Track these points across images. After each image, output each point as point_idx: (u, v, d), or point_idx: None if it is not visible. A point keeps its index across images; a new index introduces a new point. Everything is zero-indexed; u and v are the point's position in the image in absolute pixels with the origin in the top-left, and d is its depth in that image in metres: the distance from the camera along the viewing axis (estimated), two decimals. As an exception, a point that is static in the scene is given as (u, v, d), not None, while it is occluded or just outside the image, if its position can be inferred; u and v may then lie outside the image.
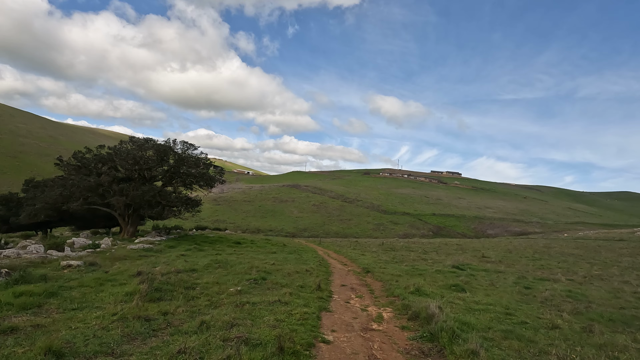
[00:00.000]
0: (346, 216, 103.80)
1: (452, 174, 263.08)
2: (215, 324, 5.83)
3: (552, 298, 10.95)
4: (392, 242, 49.37)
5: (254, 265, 13.64)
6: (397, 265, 19.56)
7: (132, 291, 7.34)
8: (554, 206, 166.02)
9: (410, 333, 6.72)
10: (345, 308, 8.51)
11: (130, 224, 24.71)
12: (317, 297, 8.77)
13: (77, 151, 24.93)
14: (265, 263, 15.26)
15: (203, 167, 27.54)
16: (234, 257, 16.88)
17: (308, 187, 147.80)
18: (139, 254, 15.42)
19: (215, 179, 27.89)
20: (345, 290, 11.04)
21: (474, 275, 16.79)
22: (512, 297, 11.21)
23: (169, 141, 26.52)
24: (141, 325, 5.61)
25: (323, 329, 6.48)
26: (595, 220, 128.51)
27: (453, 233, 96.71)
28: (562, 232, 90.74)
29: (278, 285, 10.26)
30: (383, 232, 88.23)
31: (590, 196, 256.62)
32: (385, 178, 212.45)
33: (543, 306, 9.94)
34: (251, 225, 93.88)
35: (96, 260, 11.63)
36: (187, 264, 13.05)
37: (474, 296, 10.63)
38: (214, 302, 7.43)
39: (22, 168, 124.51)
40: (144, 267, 11.23)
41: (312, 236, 76.44)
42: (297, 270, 13.62)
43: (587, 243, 49.91)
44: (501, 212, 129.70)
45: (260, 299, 7.95)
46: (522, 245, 45.21)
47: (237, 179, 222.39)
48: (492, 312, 8.45)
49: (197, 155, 27.28)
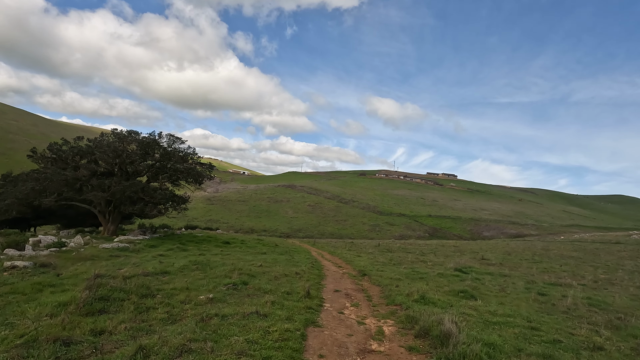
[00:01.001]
0: (342, 217, 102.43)
1: (447, 176, 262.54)
2: (160, 349, 4.31)
3: (575, 307, 9.56)
4: (389, 243, 47.98)
5: (237, 267, 12.15)
6: (396, 267, 18.15)
7: (67, 301, 5.82)
8: (549, 209, 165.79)
9: (421, 357, 5.28)
10: (338, 321, 7.04)
11: (111, 222, 23.01)
12: (304, 307, 7.29)
13: (53, 143, 23.21)
14: (252, 265, 13.79)
15: (191, 163, 25.87)
16: (218, 258, 15.39)
17: (303, 187, 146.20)
18: (111, 253, 13.87)
19: (203, 175, 26.24)
20: (339, 297, 9.58)
21: (480, 279, 15.41)
22: (529, 305, 9.82)
23: (153, 134, 24.89)
24: (53, 352, 4.10)
25: (308, 353, 5.00)
26: (589, 223, 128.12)
27: (449, 235, 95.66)
28: (558, 235, 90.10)
29: (260, 291, 8.79)
30: (379, 233, 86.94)
31: (584, 199, 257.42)
32: (381, 179, 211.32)
33: (568, 317, 8.56)
34: (245, 225, 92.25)
35: (52, 261, 10.08)
36: (161, 265, 11.53)
37: (487, 305, 9.22)
38: (173, 315, 5.93)
39: (10, 165, 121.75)
40: (108, 269, 9.71)
41: (306, 237, 74.91)
42: (286, 273, 12.16)
43: (585, 246, 48.98)
44: (497, 214, 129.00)
45: (234, 309, 6.47)
46: (520, 248, 44.21)
47: (232, 179, 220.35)
48: (514, 326, 7.03)
49: (184, 149, 25.58)
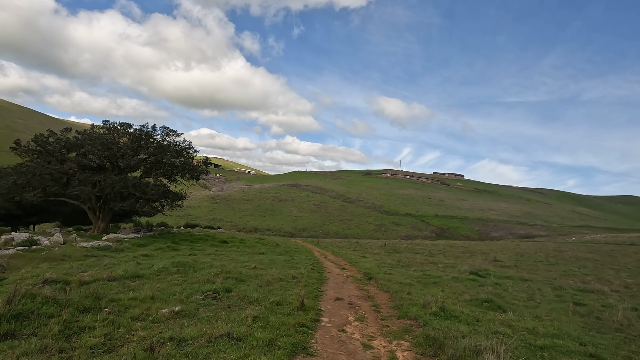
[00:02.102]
0: (347, 216, 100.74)
1: (454, 176, 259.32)
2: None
3: (628, 323, 7.86)
4: (395, 243, 46.23)
5: (226, 269, 10.60)
6: (404, 270, 16.50)
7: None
8: (558, 209, 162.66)
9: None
10: (338, 344, 5.43)
11: (101, 219, 21.57)
12: (295, 325, 5.68)
13: (39, 134, 21.84)
14: (245, 266, 12.24)
15: (187, 157, 24.33)
16: (208, 259, 13.87)
17: (308, 186, 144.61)
18: (87, 253, 12.40)
19: (200, 170, 24.69)
20: (341, 308, 7.97)
21: (500, 284, 13.70)
22: (570, 320, 8.14)
23: (146, 126, 23.38)
24: None
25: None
26: (600, 224, 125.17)
27: (456, 235, 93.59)
28: (568, 236, 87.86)
29: (245, 301, 7.22)
30: (384, 233, 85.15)
31: (594, 200, 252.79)
32: (387, 178, 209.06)
33: (627, 338, 6.87)
34: (249, 224, 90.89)
35: (6, 262, 8.58)
36: (137, 267, 10.01)
37: (521, 319, 7.55)
38: (112, 340, 4.36)
39: (15, 162, 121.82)
40: (67, 273, 8.21)
41: (311, 236, 73.36)
42: (282, 277, 10.58)
43: (599, 247, 46.99)
44: (505, 214, 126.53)
45: (199, 330, 4.89)
46: (531, 249, 42.44)
47: (237, 178, 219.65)
48: (568, 353, 5.37)
49: (179, 143, 24.05)
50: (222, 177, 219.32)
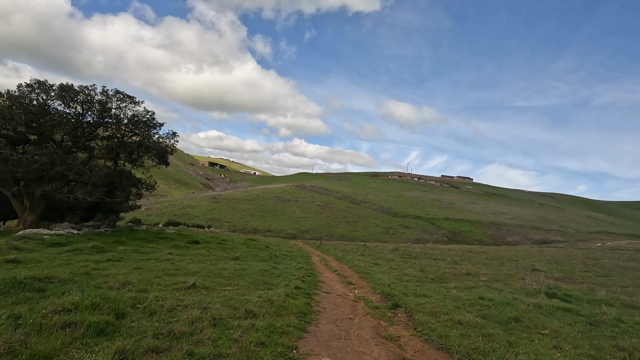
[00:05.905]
0: (353, 218, 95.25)
1: (463, 179, 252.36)
2: None
3: None
4: (407, 247, 40.84)
5: (107, 296, 5.37)
6: (440, 286, 11.17)
7: None
8: (572, 214, 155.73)
9: None
10: None
11: (29, 210, 16.47)
12: None
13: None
14: (176, 284, 7.02)
15: (154, 134, 19.04)
16: (124, 270, 8.65)
17: (313, 187, 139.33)
18: None
19: (167, 151, 19.27)
20: None
21: (622, 320, 8.21)
22: None
23: (94, 86, 17.98)
24: None
25: None
26: (618, 230, 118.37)
27: (469, 239, 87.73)
28: (588, 242, 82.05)
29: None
30: (393, 236, 79.56)
31: (607, 205, 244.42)
32: (394, 180, 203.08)
33: None
34: (249, 225, 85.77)
35: None
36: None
37: None
38: None
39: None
40: None
41: (314, 238, 68.10)
42: (232, 308, 5.32)
43: (633, 255, 41.22)
44: (518, 218, 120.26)
45: None
46: (560, 255, 37.21)
47: (242, 179, 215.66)
48: None
49: (140, 113, 18.64)
50: (227, 177, 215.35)
